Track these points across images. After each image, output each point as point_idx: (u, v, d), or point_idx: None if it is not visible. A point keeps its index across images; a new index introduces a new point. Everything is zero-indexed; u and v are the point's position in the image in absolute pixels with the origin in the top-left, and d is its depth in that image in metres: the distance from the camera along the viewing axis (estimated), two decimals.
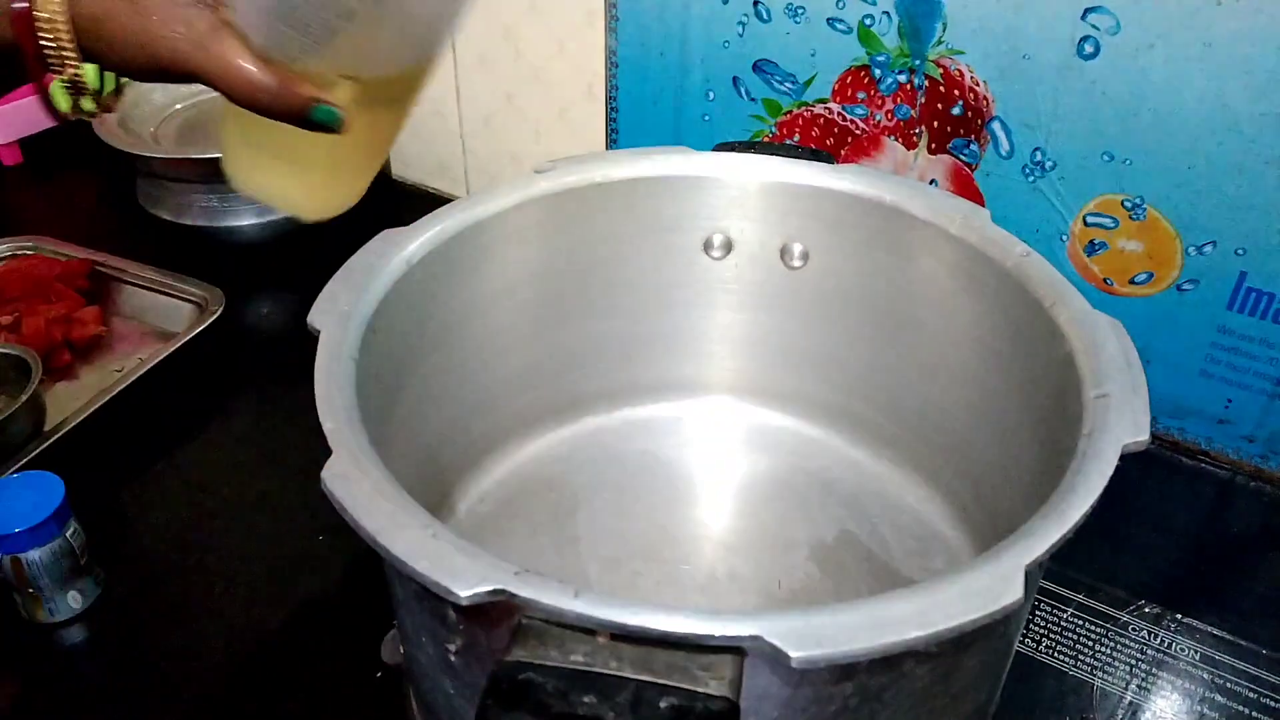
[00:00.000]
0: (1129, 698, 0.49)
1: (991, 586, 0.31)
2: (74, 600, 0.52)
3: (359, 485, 0.34)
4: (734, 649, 0.30)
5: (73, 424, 0.60)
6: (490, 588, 0.30)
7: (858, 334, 0.55)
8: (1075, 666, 0.51)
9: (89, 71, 0.39)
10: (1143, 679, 0.50)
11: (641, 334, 0.58)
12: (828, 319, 0.56)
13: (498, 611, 0.31)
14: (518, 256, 0.52)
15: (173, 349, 0.66)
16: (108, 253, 0.76)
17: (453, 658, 0.37)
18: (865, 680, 0.32)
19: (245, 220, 0.81)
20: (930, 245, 0.50)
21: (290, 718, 0.48)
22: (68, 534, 0.51)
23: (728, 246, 0.56)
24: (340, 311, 0.42)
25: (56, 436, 0.59)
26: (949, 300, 0.50)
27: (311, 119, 0.40)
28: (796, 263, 0.55)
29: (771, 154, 0.54)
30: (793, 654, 0.28)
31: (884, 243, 0.52)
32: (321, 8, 0.37)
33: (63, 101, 0.40)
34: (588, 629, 0.30)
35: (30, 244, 0.77)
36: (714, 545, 0.53)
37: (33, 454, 0.58)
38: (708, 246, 0.56)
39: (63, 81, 0.39)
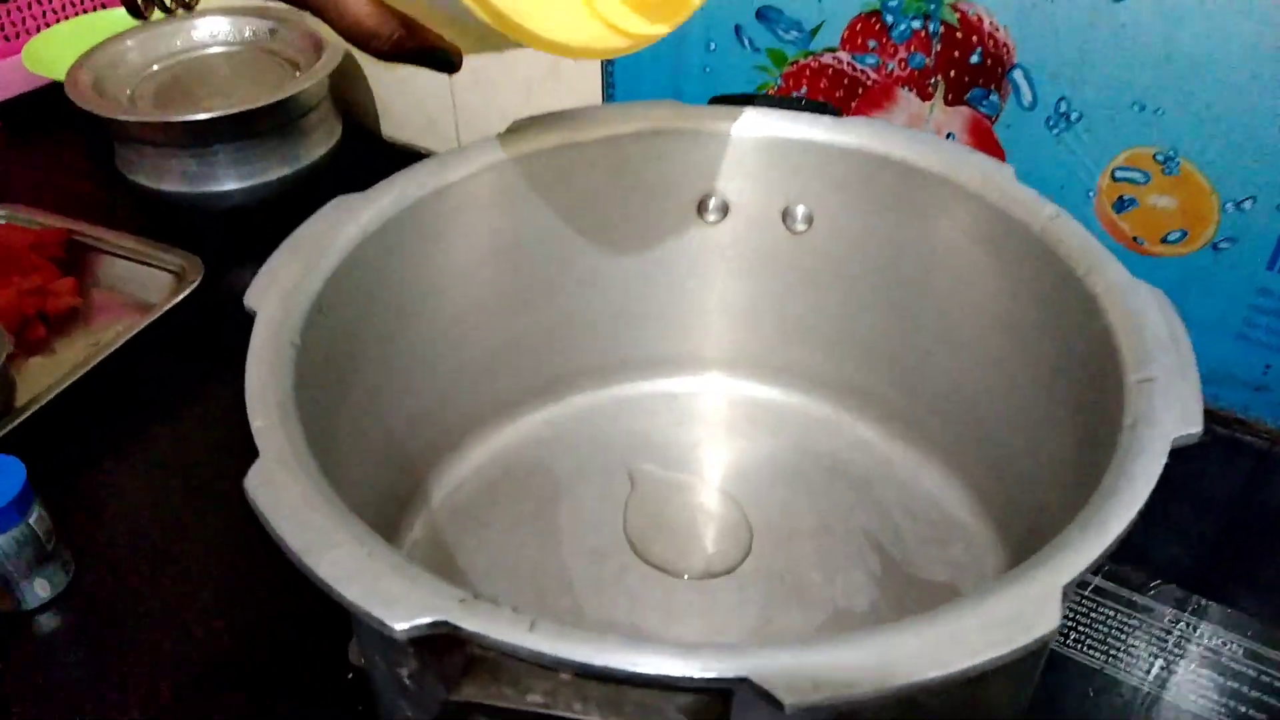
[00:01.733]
0: (1147, 688, 0.45)
1: (1022, 612, 0.26)
2: (41, 589, 0.49)
3: (286, 493, 0.29)
4: (718, 690, 0.25)
5: (44, 401, 0.57)
6: (431, 619, 0.26)
7: (867, 304, 0.50)
8: (1090, 653, 0.46)
9: None
10: (1165, 667, 0.46)
11: (630, 306, 0.53)
12: (834, 287, 0.51)
13: (446, 641, 0.27)
14: (490, 224, 0.47)
15: (147, 322, 0.64)
16: (85, 221, 0.73)
17: (407, 681, 0.32)
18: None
19: (226, 185, 0.77)
20: (948, 206, 0.45)
21: (263, 713, 0.45)
22: (30, 520, 0.48)
23: (724, 209, 0.51)
24: (282, 290, 0.37)
25: (26, 415, 0.56)
26: (969, 267, 0.45)
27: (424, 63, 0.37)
28: (800, 226, 0.50)
29: (771, 106, 0.48)
30: (786, 700, 0.24)
31: (896, 203, 0.47)
32: None
33: None
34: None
35: (3, 213, 0.74)
36: (710, 536, 0.49)
37: (4, 431, 0.55)
38: (702, 209, 0.51)
39: None
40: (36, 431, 0.56)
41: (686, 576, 0.46)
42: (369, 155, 0.85)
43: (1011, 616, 0.26)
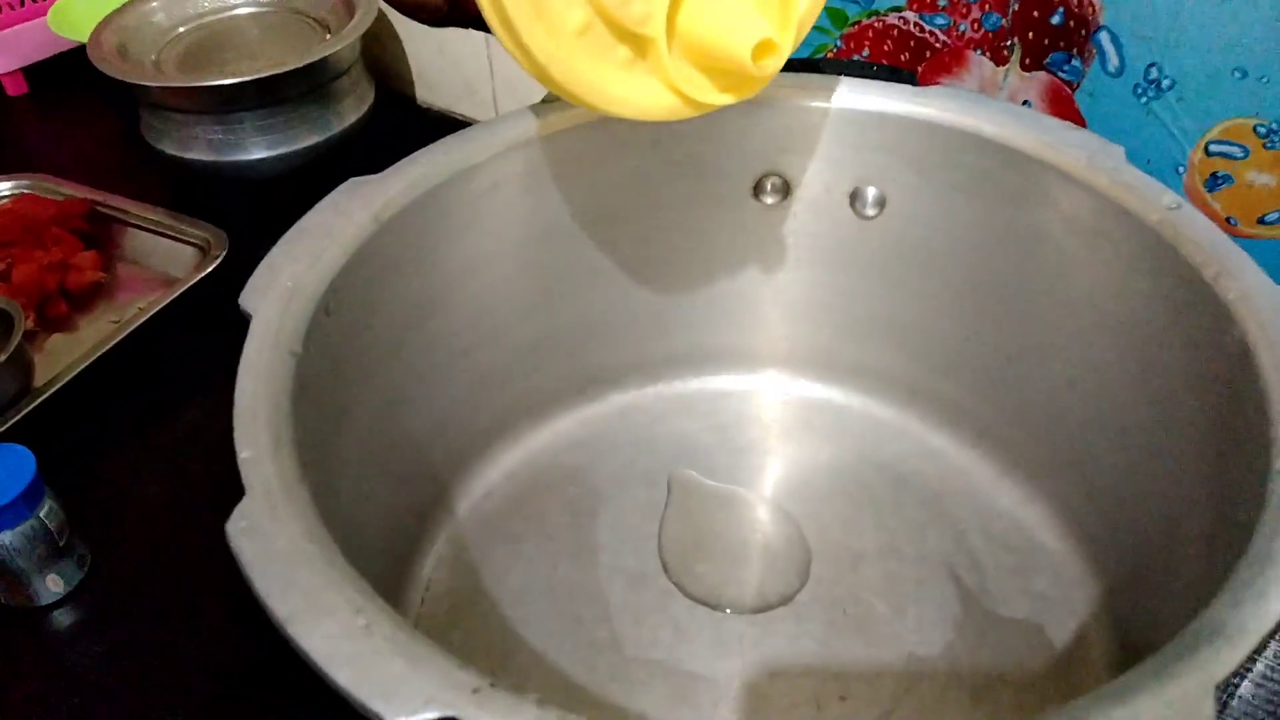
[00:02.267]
0: None
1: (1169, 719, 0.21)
2: (54, 584, 0.47)
3: (273, 543, 0.25)
4: None
5: (63, 381, 0.55)
6: (436, 714, 0.21)
7: (944, 300, 0.45)
8: None
9: None
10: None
11: (677, 298, 0.48)
12: (907, 280, 0.45)
13: None
14: (519, 209, 0.42)
15: (170, 298, 0.61)
16: (109, 191, 0.71)
17: None
18: None
19: (254, 154, 0.73)
20: (1045, 192, 0.39)
21: (280, 714, 0.42)
22: (41, 513, 0.45)
23: (784, 190, 0.45)
24: (282, 289, 0.33)
25: (45, 396, 0.54)
26: (1068, 262, 0.39)
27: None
28: (870, 210, 0.44)
29: (839, 73, 0.42)
30: None
31: (983, 187, 0.41)
32: None
33: None
34: None
35: (26, 182, 0.72)
36: (763, 557, 0.44)
37: (20, 415, 0.53)
38: (759, 191, 0.45)
39: None
40: (56, 415, 0.54)
41: (738, 608, 0.42)
42: (403, 122, 0.81)
43: None
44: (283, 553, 0.25)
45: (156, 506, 0.52)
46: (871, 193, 0.44)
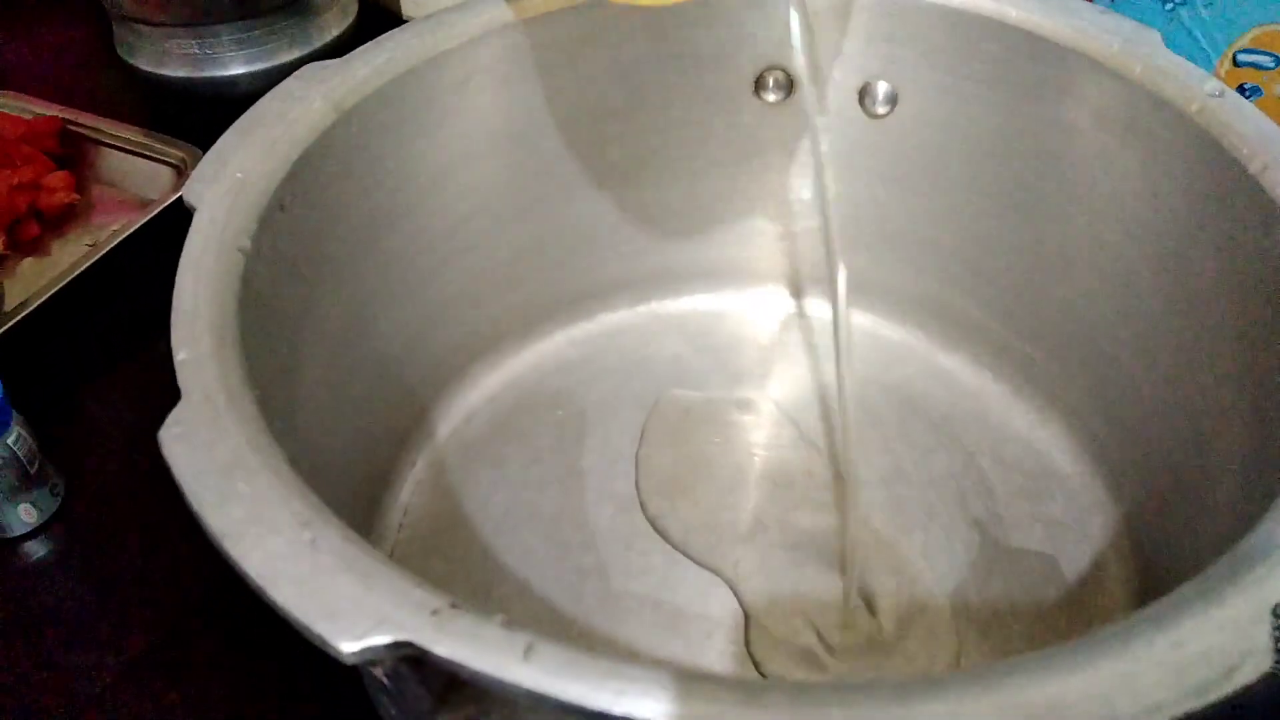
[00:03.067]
0: None
1: (1218, 645, 0.19)
2: (26, 514, 0.45)
3: (211, 451, 0.22)
4: None
5: (34, 305, 0.53)
6: (390, 639, 0.19)
7: (960, 206, 0.41)
8: None
9: None
10: None
11: (670, 205, 0.45)
12: (920, 184, 0.42)
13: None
14: (498, 102, 0.38)
15: (145, 219, 0.58)
16: (81, 110, 0.68)
17: (385, 681, 0.26)
18: None
19: (232, 70, 0.71)
20: (1073, 82, 0.36)
21: (254, 643, 0.40)
22: (9, 440, 0.43)
23: (787, 86, 0.42)
24: (230, 180, 0.29)
25: (15, 320, 0.52)
26: (1097, 160, 0.36)
27: None
28: (881, 108, 0.41)
29: None
30: None
31: (1005, 79, 0.38)
32: None
33: None
34: None
35: None
36: (762, 481, 0.41)
37: None
38: (760, 86, 0.42)
39: None
40: (26, 340, 0.51)
41: (733, 532, 0.39)
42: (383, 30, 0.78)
43: (1206, 651, 0.18)
44: (221, 462, 0.22)
45: (131, 433, 0.50)
46: (883, 88, 0.41)
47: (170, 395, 0.53)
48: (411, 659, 0.19)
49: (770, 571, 0.38)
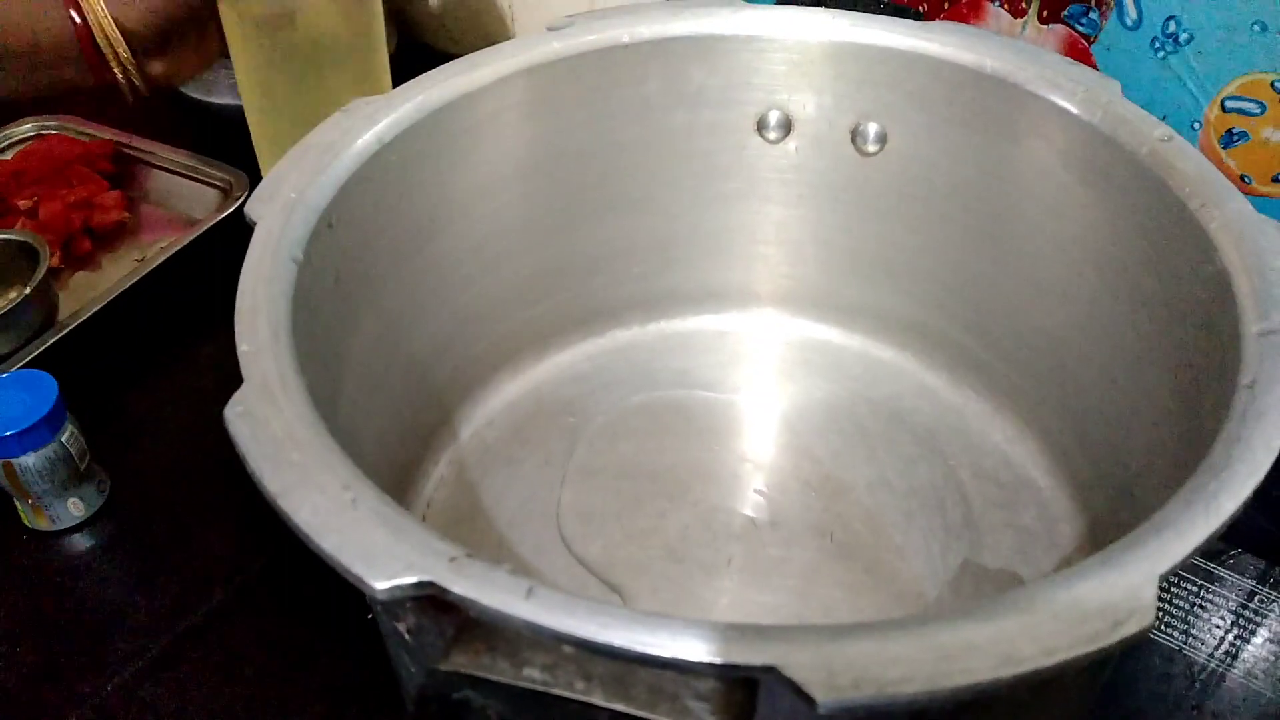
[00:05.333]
0: (1214, 665, 0.40)
1: (1112, 603, 0.22)
2: (74, 508, 0.48)
3: (268, 427, 0.26)
4: (742, 679, 0.22)
5: (85, 316, 0.56)
6: (414, 579, 0.23)
7: (942, 236, 0.45)
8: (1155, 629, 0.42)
9: None
10: (1236, 641, 0.41)
11: (679, 233, 0.49)
12: (906, 217, 0.46)
13: (438, 601, 0.24)
14: (523, 135, 0.43)
15: (191, 237, 0.62)
16: (133, 133, 0.72)
17: (406, 635, 0.29)
18: None
19: None
20: (1042, 126, 0.39)
21: (289, 640, 0.43)
22: (63, 438, 0.46)
23: (786, 126, 0.46)
24: (285, 199, 0.34)
25: (68, 330, 0.55)
26: (1063, 196, 0.40)
27: None
28: (871, 147, 0.45)
29: (843, 8, 0.43)
30: (820, 697, 0.20)
31: (982, 122, 0.41)
32: None
33: None
34: None
35: (54, 123, 0.73)
36: (755, 485, 0.45)
37: (44, 346, 0.54)
38: (761, 126, 0.46)
39: None
40: (78, 347, 0.54)
41: (728, 530, 0.43)
42: (407, 58, 0.81)
43: (1100, 608, 0.22)
44: (277, 435, 0.26)
45: (174, 435, 0.53)
46: (873, 129, 0.44)
47: (210, 400, 0.57)
48: (431, 599, 0.23)
49: (759, 566, 0.41)
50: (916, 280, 0.47)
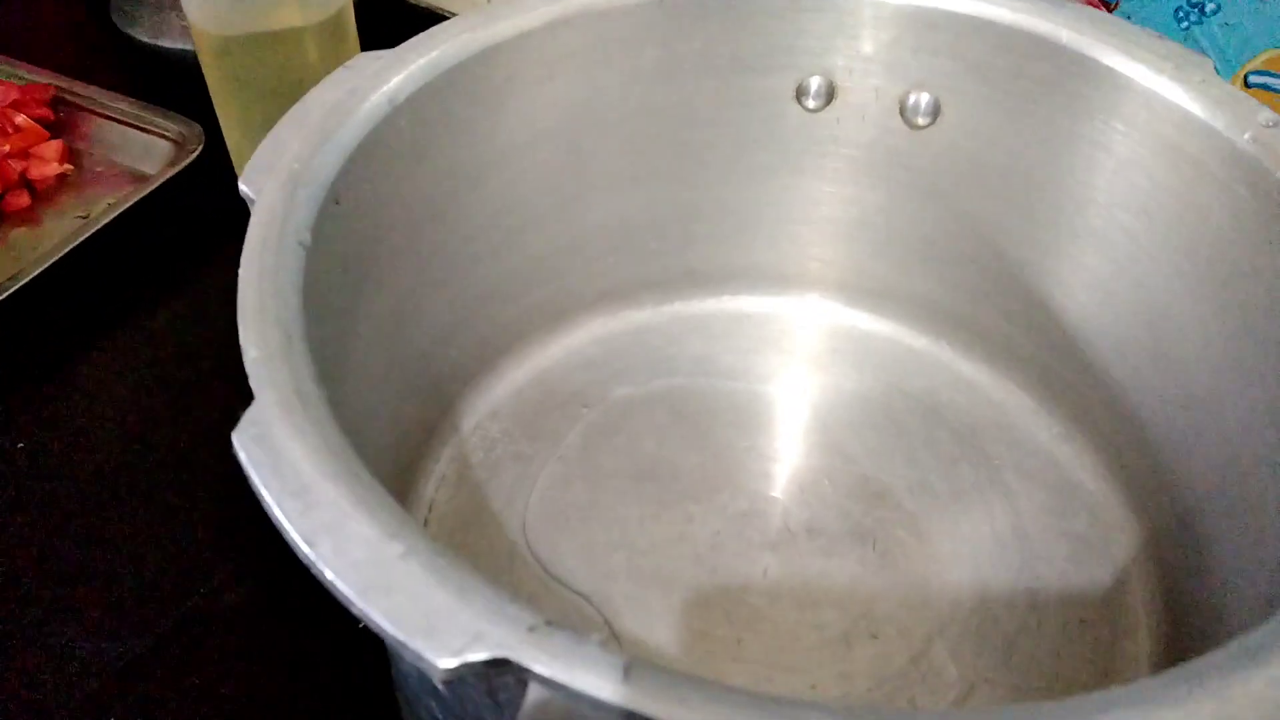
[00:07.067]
0: None
1: None
2: None
3: (287, 455, 0.22)
4: None
5: (26, 279, 0.51)
6: (486, 655, 0.18)
7: (996, 221, 0.42)
8: None
9: None
10: None
11: (705, 208, 0.44)
12: (957, 197, 0.42)
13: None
14: (545, 98, 0.38)
15: (141, 195, 0.57)
16: (75, 78, 0.67)
17: (439, 686, 0.25)
18: None
19: None
20: (1121, 106, 0.36)
21: (255, 624, 0.40)
22: None
23: (828, 94, 0.42)
24: (289, 172, 0.29)
25: (6, 295, 0.51)
26: (1141, 185, 0.36)
27: None
28: (922, 120, 0.41)
29: None
30: None
31: (1051, 99, 0.38)
32: None
33: None
34: None
35: None
36: (787, 486, 0.41)
37: None
38: (801, 93, 0.42)
39: None
40: (16, 313, 0.50)
41: (761, 538, 0.39)
42: (388, 16, 0.76)
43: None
44: (300, 467, 0.21)
45: (126, 409, 0.49)
46: (924, 100, 0.40)
47: (165, 367, 0.53)
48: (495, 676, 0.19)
49: (798, 577, 0.38)
50: (959, 267, 0.44)
